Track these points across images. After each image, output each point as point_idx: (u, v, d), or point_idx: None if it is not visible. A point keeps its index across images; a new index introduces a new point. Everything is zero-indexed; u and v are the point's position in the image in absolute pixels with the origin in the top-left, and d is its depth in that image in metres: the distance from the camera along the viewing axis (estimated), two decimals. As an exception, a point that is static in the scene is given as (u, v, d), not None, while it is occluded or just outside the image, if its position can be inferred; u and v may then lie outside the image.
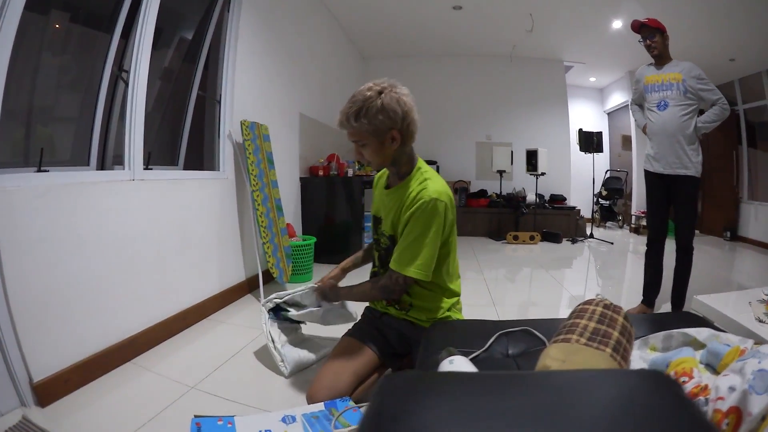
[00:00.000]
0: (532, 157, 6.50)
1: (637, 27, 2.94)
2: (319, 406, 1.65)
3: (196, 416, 1.53)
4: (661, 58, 2.91)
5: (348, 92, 1.69)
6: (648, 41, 2.90)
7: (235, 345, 2.50)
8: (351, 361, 1.83)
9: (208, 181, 3.12)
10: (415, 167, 1.78)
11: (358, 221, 4.71)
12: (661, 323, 1.28)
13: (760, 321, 1.82)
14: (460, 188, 7.17)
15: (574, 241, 6.32)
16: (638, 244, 6.21)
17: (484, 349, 1.26)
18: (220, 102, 3.39)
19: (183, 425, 1.69)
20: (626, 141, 8.18)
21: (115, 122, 2.58)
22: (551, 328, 1.29)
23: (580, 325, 0.99)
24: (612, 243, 6.20)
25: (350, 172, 4.89)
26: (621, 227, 7.79)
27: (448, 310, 1.85)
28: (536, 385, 0.66)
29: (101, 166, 2.50)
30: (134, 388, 2.04)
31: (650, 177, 2.98)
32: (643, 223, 6.94)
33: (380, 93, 1.59)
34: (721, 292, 2.40)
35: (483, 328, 1.37)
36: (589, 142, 6.80)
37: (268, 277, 3.59)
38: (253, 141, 3.35)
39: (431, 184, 1.69)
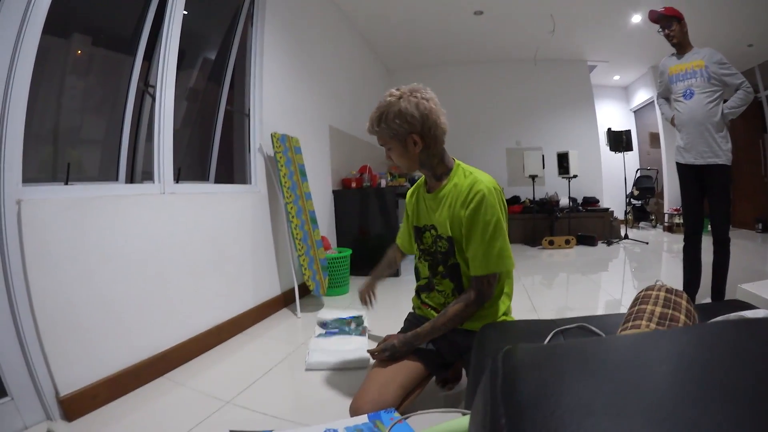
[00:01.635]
0: (563, 159, 6.41)
1: (655, 17, 2.92)
2: (363, 419, 1.58)
3: (232, 431, 1.50)
4: (681, 47, 2.88)
5: (375, 103, 1.70)
6: (666, 30, 2.88)
7: (272, 359, 2.46)
8: (398, 373, 1.76)
9: (240, 194, 3.13)
10: (454, 165, 1.77)
11: (392, 232, 4.63)
12: (712, 311, 1.21)
13: None
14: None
15: (609, 243, 6.20)
16: (672, 242, 6.07)
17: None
18: (249, 115, 3.41)
19: None
20: (654, 138, 8.03)
21: (142, 141, 2.59)
22: (607, 323, 1.24)
23: (647, 311, 0.96)
24: (647, 243, 6.05)
25: (383, 183, 4.86)
26: (654, 227, 7.63)
27: (504, 314, 1.78)
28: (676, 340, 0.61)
29: (130, 181, 2.52)
30: (166, 403, 2.01)
31: (682, 169, 2.93)
32: (677, 221, 6.79)
33: (399, 98, 1.62)
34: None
35: (536, 327, 1.30)
36: (619, 141, 6.69)
37: (304, 290, 3.57)
38: (285, 153, 3.34)
39: (480, 176, 1.67)
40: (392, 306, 3.26)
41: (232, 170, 3.52)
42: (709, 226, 2.90)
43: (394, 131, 1.64)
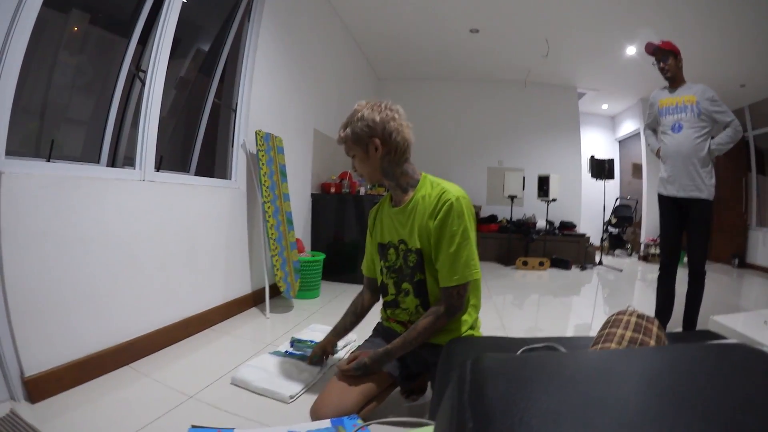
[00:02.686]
0: (543, 183, 6.48)
1: (651, 50, 2.94)
2: (325, 423, 1.58)
3: (193, 426, 1.47)
4: (674, 81, 2.91)
5: None
6: (662, 64, 2.90)
7: (238, 357, 2.42)
8: (360, 380, 1.74)
9: (219, 189, 3.09)
10: (420, 177, 1.78)
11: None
12: (683, 340, 1.23)
13: None
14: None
15: (583, 268, 6.26)
16: (647, 272, 6.15)
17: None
18: (235, 111, 3.39)
19: None
20: (636, 169, 8.15)
21: (128, 127, 2.56)
22: (576, 345, 1.24)
23: (617, 335, 0.97)
24: (621, 270, 6.13)
25: (362, 191, 4.85)
26: (630, 255, 7.73)
27: (471, 328, 1.77)
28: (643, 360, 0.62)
29: (112, 165, 2.46)
30: (130, 393, 1.97)
31: (663, 201, 2.96)
32: (652, 251, 6.88)
33: (365, 106, 1.72)
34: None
35: (504, 343, 1.29)
36: (601, 169, 6.82)
37: (275, 290, 3.53)
38: (267, 152, 3.33)
39: (448, 186, 1.69)
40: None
41: (214, 164, 3.49)
42: (686, 258, 2.92)
43: (357, 135, 1.71)
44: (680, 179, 2.82)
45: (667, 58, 2.87)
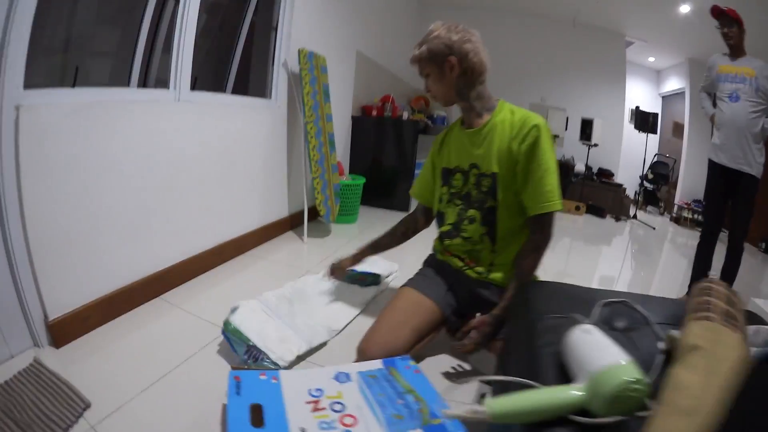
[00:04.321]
0: (587, 126, 6.31)
1: (717, 13, 2.86)
2: (377, 364, 1.50)
3: (233, 368, 1.38)
4: (735, 50, 2.85)
5: (405, 36, 1.68)
6: (726, 29, 2.82)
7: (273, 285, 2.34)
8: (412, 316, 1.69)
9: (258, 108, 2.97)
10: (499, 103, 1.70)
11: (408, 167, 4.57)
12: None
13: None
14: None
15: (617, 219, 6.14)
16: (677, 234, 5.97)
17: (592, 320, 1.04)
18: (276, 29, 3.19)
19: (215, 374, 1.58)
20: (678, 128, 7.83)
21: (159, 51, 2.40)
22: (651, 304, 1.12)
23: (712, 304, 0.85)
24: (654, 228, 5.97)
25: (405, 116, 4.71)
26: (662, 214, 7.54)
27: None
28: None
29: (143, 87, 2.31)
30: (161, 328, 1.89)
31: (713, 167, 2.91)
32: (685, 214, 6.69)
33: (441, 26, 1.64)
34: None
35: (580, 294, 1.19)
36: (645, 121, 6.55)
37: (312, 214, 3.47)
38: (311, 71, 3.16)
39: (533, 113, 1.61)
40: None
41: (249, 84, 3.33)
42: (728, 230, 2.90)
43: (433, 53, 1.63)
44: (732, 149, 2.78)
45: (732, 25, 2.81)
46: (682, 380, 0.65)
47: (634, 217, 6.30)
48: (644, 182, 7.09)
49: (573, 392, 0.68)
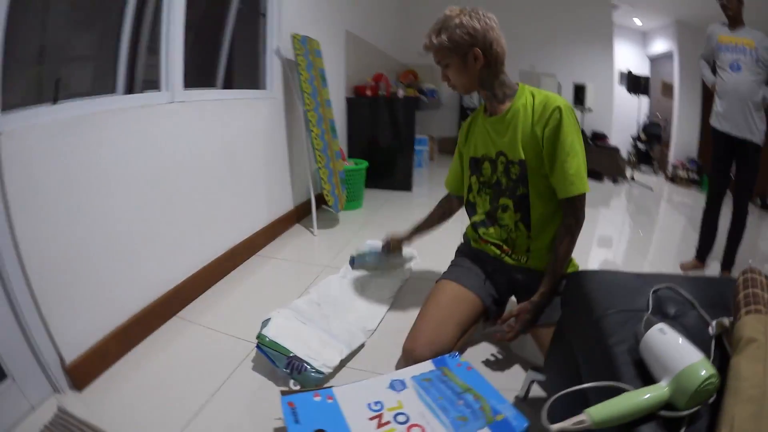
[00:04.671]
0: (580, 91, 6.31)
1: None
2: (428, 366, 1.49)
3: (283, 393, 1.32)
4: (734, 21, 2.85)
5: (389, 11, 1.57)
6: (725, 1, 2.82)
7: (294, 283, 2.32)
8: (456, 310, 1.67)
9: (255, 101, 2.87)
10: (519, 87, 1.64)
11: (408, 144, 4.54)
12: (723, 287, 1.11)
13: None
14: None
15: (615, 181, 6.17)
16: (673, 193, 6.00)
17: (650, 311, 1.03)
18: (265, 15, 3.08)
19: (260, 395, 1.52)
20: (667, 88, 7.82)
21: (143, 53, 2.21)
22: (685, 286, 1.10)
23: (759, 296, 0.89)
24: (651, 189, 5.99)
25: (400, 93, 4.64)
26: (656, 173, 7.57)
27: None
28: None
29: (130, 92, 2.10)
30: (185, 350, 1.79)
31: (717, 135, 2.93)
32: (680, 173, 6.71)
33: (460, 12, 1.55)
34: None
35: (631, 282, 1.15)
36: (637, 84, 6.65)
37: (317, 203, 3.42)
38: (306, 56, 3.07)
39: (553, 95, 1.56)
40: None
41: (241, 77, 3.20)
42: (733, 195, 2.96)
43: (455, 43, 1.54)
44: (735, 118, 2.80)
45: None
46: (744, 371, 0.71)
47: (632, 178, 6.33)
48: (637, 143, 7.10)
49: (662, 391, 0.74)
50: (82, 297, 1.58)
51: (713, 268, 3.01)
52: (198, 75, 2.81)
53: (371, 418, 1.22)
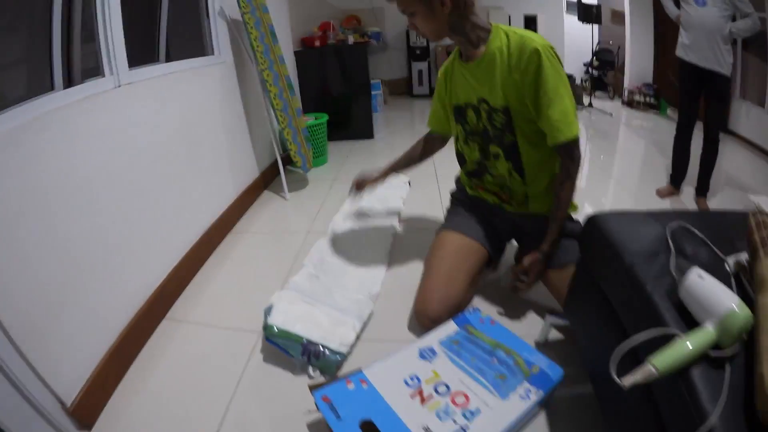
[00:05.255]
0: (531, 23, 6.30)
1: None
2: (452, 326, 1.45)
3: (312, 388, 1.22)
4: None
5: None
6: None
7: (276, 257, 2.24)
8: (463, 262, 1.64)
9: (205, 69, 2.63)
10: (493, 27, 1.53)
11: (364, 91, 4.43)
12: (726, 222, 1.18)
13: None
14: (451, 53, 6.76)
15: (574, 109, 6.20)
16: (632, 117, 6.09)
17: (672, 253, 1.06)
18: None
19: (282, 390, 1.43)
20: (617, 15, 7.82)
21: (77, 44, 1.88)
22: (694, 221, 1.14)
23: None
24: (611, 114, 6.06)
25: (350, 41, 4.52)
26: (612, 98, 7.64)
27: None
28: None
29: (69, 86, 1.75)
30: (186, 354, 1.65)
31: (685, 66, 2.99)
32: (637, 98, 6.79)
33: None
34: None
35: (644, 223, 1.15)
36: (589, 13, 6.59)
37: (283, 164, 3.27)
38: (253, 13, 2.85)
39: (527, 33, 1.46)
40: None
41: (184, 46, 2.88)
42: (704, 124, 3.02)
43: None
44: (702, 50, 2.85)
45: None
46: None
47: (590, 105, 6.37)
48: (590, 69, 7.13)
49: (711, 335, 0.78)
50: (67, 329, 1.37)
51: (687, 193, 3.11)
52: (138, 53, 2.52)
53: (413, 396, 1.19)
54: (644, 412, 0.89)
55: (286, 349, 1.51)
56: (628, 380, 0.79)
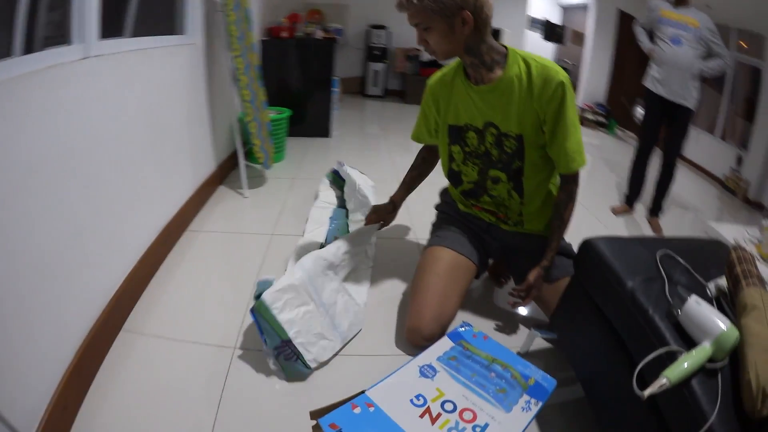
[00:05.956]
0: (496, 36, 6.13)
1: None
2: (447, 343, 1.49)
3: (314, 415, 1.18)
4: (680, 0, 3.04)
5: None
6: None
7: (242, 260, 2.15)
8: (456, 280, 1.67)
9: (174, 48, 2.41)
10: (510, 52, 1.50)
11: (325, 88, 4.37)
12: (700, 250, 1.44)
13: None
14: (412, 56, 6.79)
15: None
16: (584, 135, 6.25)
17: (665, 279, 1.23)
18: None
19: (264, 409, 1.34)
20: (577, 36, 8.09)
21: (44, 11, 1.61)
22: (675, 247, 1.34)
23: (753, 272, 1.11)
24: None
25: (318, 34, 4.50)
26: (565, 115, 7.88)
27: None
28: None
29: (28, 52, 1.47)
30: (149, 371, 1.48)
31: (652, 96, 3.18)
32: (589, 116, 7.00)
33: None
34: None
35: (635, 249, 1.32)
36: (553, 32, 6.96)
37: (235, 162, 3.08)
38: (233, -6, 2.67)
39: (548, 63, 1.47)
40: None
41: (153, 20, 2.52)
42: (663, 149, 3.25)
43: (442, 4, 1.35)
44: (672, 85, 3.04)
45: None
46: (753, 328, 0.94)
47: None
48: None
49: (708, 351, 0.95)
50: (18, 352, 1.13)
51: (639, 211, 3.40)
52: (105, 22, 2.33)
53: (422, 416, 1.20)
54: (645, 417, 1.04)
55: (263, 333, 1.44)
56: (648, 391, 0.94)
